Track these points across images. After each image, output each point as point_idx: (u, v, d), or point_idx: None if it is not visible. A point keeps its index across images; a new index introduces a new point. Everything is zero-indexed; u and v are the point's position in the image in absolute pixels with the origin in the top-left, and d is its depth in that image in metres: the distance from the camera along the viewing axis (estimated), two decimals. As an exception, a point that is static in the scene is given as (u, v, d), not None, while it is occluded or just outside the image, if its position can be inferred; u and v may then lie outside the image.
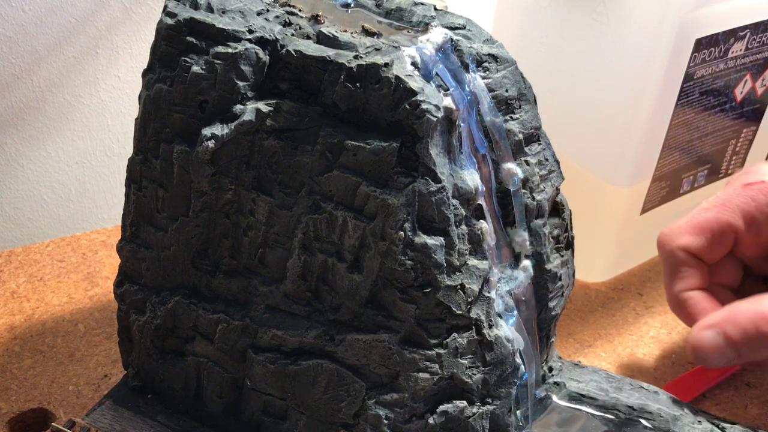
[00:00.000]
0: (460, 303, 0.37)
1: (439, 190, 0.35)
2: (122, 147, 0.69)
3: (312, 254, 0.37)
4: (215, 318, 0.40)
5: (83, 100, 0.65)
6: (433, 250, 0.36)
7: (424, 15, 0.39)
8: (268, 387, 0.40)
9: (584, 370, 0.46)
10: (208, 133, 0.37)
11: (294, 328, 0.39)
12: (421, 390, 0.37)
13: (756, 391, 0.51)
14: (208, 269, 0.40)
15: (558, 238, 0.42)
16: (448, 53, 0.37)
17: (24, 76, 0.62)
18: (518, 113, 0.40)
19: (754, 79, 0.57)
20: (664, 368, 0.53)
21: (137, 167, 0.40)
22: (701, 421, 0.43)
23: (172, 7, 0.38)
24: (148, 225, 0.40)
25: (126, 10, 0.63)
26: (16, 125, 0.63)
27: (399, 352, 0.37)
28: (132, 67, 0.66)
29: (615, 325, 0.56)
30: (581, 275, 0.59)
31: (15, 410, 0.46)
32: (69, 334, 0.52)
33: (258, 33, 0.37)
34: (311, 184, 0.37)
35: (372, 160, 0.35)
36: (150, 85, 0.38)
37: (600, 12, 0.51)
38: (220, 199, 0.38)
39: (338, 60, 0.35)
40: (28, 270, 0.58)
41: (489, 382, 0.39)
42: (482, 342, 0.38)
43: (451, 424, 0.38)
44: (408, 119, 0.34)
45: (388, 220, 0.35)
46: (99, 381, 0.48)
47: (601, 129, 0.54)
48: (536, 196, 0.40)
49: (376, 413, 0.38)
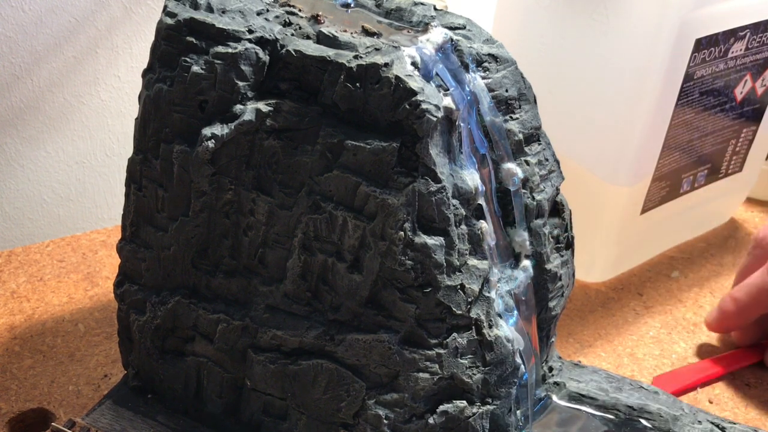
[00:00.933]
0: (460, 303, 0.37)
1: (439, 190, 0.35)
2: (122, 147, 0.69)
3: (312, 254, 0.37)
4: (215, 318, 0.40)
5: (83, 100, 0.65)
6: (433, 250, 0.36)
7: (424, 15, 0.39)
8: (268, 387, 0.40)
9: (584, 370, 0.46)
10: (208, 133, 0.37)
11: (294, 328, 0.38)
12: (421, 390, 0.37)
13: (756, 391, 0.51)
14: (208, 269, 0.40)
15: (558, 238, 0.42)
16: (448, 53, 0.37)
17: (24, 76, 0.62)
18: (518, 113, 0.40)
19: (754, 79, 0.57)
20: (664, 368, 0.53)
21: (137, 167, 0.40)
22: (701, 421, 0.43)
23: (172, 7, 0.38)
24: (148, 225, 0.40)
25: (126, 10, 0.63)
26: (16, 125, 0.63)
27: (399, 352, 0.37)
28: (132, 67, 0.66)
29: (615, 325, 0.56)
30: (581, 275, 0.59)
31: (15, 410, 0.46)
32: (69, 334, 0.52)
33: (258, 33, 0.37)
34: (311, 184, 0.37)
35: (372, 160, 0.35)
36: (150, 85, 0.38)
37: (600, 12, 0.51)
38: (220, 199, 0.38)
39: (338, 60, 0.35)
40: (28, 270, 0.58)
41: (489, 382, 0.39)
42: (482, 342, 0.38)
43: (451, 424, 0.38)
44: (408, 119, 0.34)
45: (388, 220, 0.35)
46: (99, 381, 0.48)
47: (601, 129, 0.54)
48: (536, 196, 0.40)
49: (376, 413, 0.38)
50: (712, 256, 0.65)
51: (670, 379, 0.51)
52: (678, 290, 0.60)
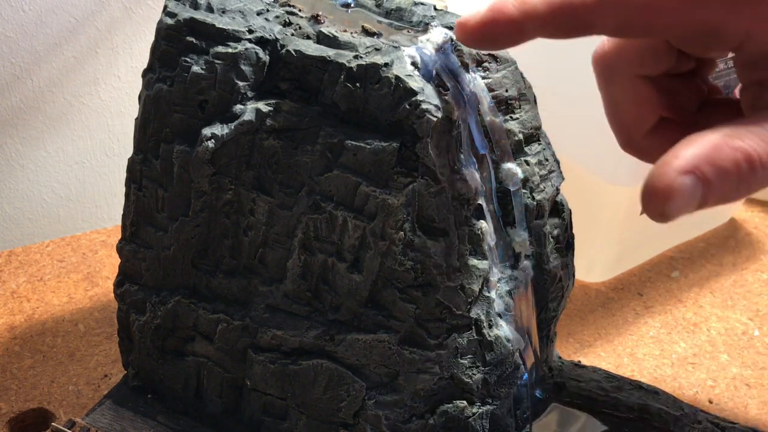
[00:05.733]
0: (460, 303, 0.37)
1: (439, 191, 0.35)
2: (122, 147, 0.69)
3: (312, 254, 0.37)
4: (215, 318, 0.40)
5: (83, 100, 0.65)
6: (433, 250, 0.36)
7: (424, 15, 0.39)
8: (268, 387, 0.40)
9: (584, 370, 0.46)
10: (208, 133, 0.37)
11: (294, 328, 0.39)
12: (421, 390, 0.37)
13: (756, 391, 0.51)
14: (208, 269, 0.40)
15: (558, 238, 0.42)
16: (448, 53, 0.37)
17: (24, 76, 0.62)
18: (518, 113, 0.40)
19: (754, 79, 0.57)
20: (664, 368, 0.53)
21: (137, 167, 0.40)
22: (701, 421, 0.43)
23: (172, 7, 0.38)
24: (148, 225, 0.40)
25: (126, 10, 0.63)
26: (16, 125, 0.63)
27: (399, 352, 0.37)
28: (132, 67, 0.66)
29: (615, 325, 0.56)
30: (581, 275, 0.59)
31: (15, 410, 0.46)
32: (69, 334, 0.52)
33: (258, 33, 0.37)
34: (311, 184, 0.37)
35: (372, 160, 0.35)
36: (150, 85, 0.38)
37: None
38: (220, 199, 0.38)
39: (338, 60, 0.35)
40: (28, 270, 0.58)
41: (489, 382, 0.39)
42: (482, 342, 0.38)
43: (451, 424, 0.38)
44: (408, 119, 0.34)
45: (388, 220, 0.35)
46: (99, 381, 0.48)
47: (601, 129, 0.54)
48: (536, 196, 0.40)
49: (376, 413, 0.38)
50: (712, 256, 0.65)
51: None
52: (678, 290, 0.60)
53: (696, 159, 0.31)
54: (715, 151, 0.32)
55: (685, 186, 0.31)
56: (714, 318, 0.58)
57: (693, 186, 0.31)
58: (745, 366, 0.53)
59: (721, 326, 0.57)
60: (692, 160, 0.31)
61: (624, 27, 0.33)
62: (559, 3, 0.32)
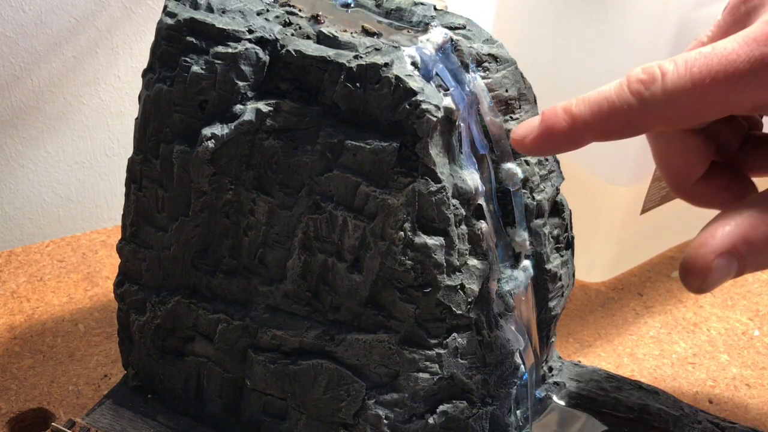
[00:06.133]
0: (460, 303, 0.37)
1: (439, 190, 0.35)
2: (122, 147, 0.69)
3: (312, 254, 0.37)
4: (215, 318, 0.40)
5: (83, 100, 0.65)
6: (433, 250, 0.36)
7: (424, 15, 0.39)
8: (268, 387, 0.40)
9: (584, 370, 0.46)
10: (208, 133, 0.37)
11: (294, 328, 0.39)
12: (421, 390, 0.37)
13: (756, 391, 0.51)
14: (208, 269, 0.40)
15: (558, 238, 0.42)
16: (448, 53, 0.37)
17: (24, 76, 0.62)
18: (518, 113, 0.40)
19: (754, 79, 0.57)
20: (664, 368, 0.53)
21: (137, 167, 0.40)
22: (701, 421, 0.43)
23: (172, 7, 0.38)
24: (148, 225, 0.40)
25: (126, 10, 0.63)
26: (16, 125, 0.63)
27: (399, 352, 0.37)
28: (132, 67, 0.66)
29: (615, 325, 0.56)
30: (581, 275, 0.59)
31: (15, 410, 0.46)
32: (69, 334, 0.52)
33: (258, 33, 0.37)
34: (311, 184, 0.37)
35: (372, 160, 0.35)
36: (150, 85, 0.38)
37: (600, 12, 0.51)
38: (220, 199, 0.38)
39: (338, 60, 0.35)
40: (28, 270, 0.58)
41: (489, 383, 0.39)
42: (482, 342, 0.38)
43: (451, 424, 0.38)
44: (408, 119, 0.34)
45: (388, 220, 0.35)
46: (99, 381, 0.48)
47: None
48: (536, 196, 0.40)
49: (376, 413, 0.38)
50: (712, 256, 0.65)
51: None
52: (678, 290, 0.60)
53: (732, 239, 0.33)
54: (751, 230, 0.33)
55: (721, 266, 0.32)
56: (714, 318, 0.58)
57: (729, 263, 0.32)
58: (745, 366, 0.53)
59: (721, 326, 0.57)
60: (729, 240, 0.33)
61: (674, 122, 0.33)
62: (606, 111, 0.33)
